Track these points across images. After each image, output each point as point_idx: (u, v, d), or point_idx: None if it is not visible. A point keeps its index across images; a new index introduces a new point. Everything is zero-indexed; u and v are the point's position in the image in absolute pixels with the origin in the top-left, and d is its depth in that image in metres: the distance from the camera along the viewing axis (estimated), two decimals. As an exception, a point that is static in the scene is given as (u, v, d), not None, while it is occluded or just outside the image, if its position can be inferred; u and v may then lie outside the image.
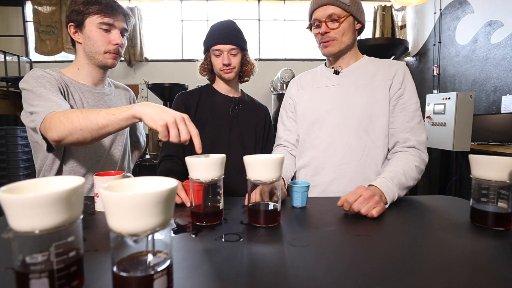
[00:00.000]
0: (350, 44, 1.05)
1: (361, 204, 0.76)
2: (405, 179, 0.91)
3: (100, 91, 1.10)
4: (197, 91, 1.28)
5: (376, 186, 0.84)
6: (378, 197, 0.79)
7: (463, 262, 0.53)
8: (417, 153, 0.98)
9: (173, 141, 0.73)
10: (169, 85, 3.07)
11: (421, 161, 0.98)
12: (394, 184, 0.87)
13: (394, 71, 1.03)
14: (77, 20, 0.99)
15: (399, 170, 0.91)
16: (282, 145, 1.20)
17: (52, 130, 0.80)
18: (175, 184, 0.39)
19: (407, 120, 1.01)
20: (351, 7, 1.00)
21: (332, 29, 1.00)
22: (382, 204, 0.79)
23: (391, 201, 0.85)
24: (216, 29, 1.18)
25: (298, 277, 0.48)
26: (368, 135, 1.02)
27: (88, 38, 1.01)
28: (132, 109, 0.74)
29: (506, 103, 3.16)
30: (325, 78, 1.12)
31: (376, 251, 0.58)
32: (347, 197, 0.78)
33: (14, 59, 4.71)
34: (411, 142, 0.99)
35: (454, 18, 3.98)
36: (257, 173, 0.69)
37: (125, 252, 0.40)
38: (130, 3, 5.02)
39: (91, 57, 1.03)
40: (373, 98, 1.02)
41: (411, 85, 1.04)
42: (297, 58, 5.22)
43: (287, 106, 1.21)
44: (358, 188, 0.80)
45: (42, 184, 0.43)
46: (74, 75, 1.06)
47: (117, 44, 1.03)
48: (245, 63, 1.25)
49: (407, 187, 0.93)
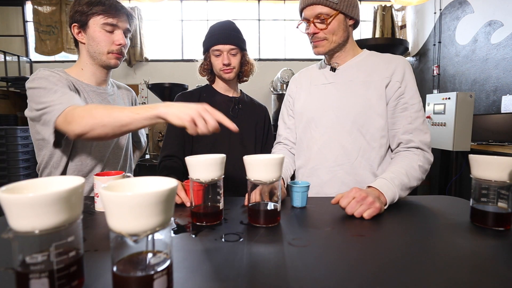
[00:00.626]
0: (342, 42, 1.01)
1: (353, 208, 0.76)
2: (407, 179, 0.89)
3: (103, 91, 1.11)
4: (197, 91, 1.28)
5: (375, 187, 0.83)
6: (372, 199, 0.77)
7: (463, 262, 0.53)
8: (421, 153, 0.95)
9: (204, 132, 0.74)
10: (169, 85, 3.07)
11: (425, 160, 0.95)
12: (395, 185, 0.85)
13: (392, 69, 0.98)
14: (80, 21, 1.00)
15: (401, 171, 0.90)
16: (282, 143, 1.19)
17: (74, 123, 0.80)
18: (175, 184, 0.39)
19: (409, 121, 0.97)
20: (340, 5, 0.95)
21: (321, 30, 0.97)
22: (378, 205, 0.77)
23: (391, 202, 0.84)
24: (216, 30, 1.18)
25: (298, 277, 0.48)
26: (363, 136, 1.00)
27: (91, 39, 1.01)
28: (157, 110, 0.75)
29: (506, 103, 3.16)
30: (322, 76, 1.10)
31: (376, 251, 0.58)
32: (341, 202, 0.78)
33: (14, 59, 4.71)
34: (414, 143, 0.96)
35: (454, 18, 3.98)
36: (257, 173, 0.69)
37: (125, 252, 0.40)
38: (130, 3, 5.02)
39: (95, 57, 1.04)
40: (368, 97, 0.99)
41: (412, 83, 0.99)
42: (297, 58, 5.21)
43: (287, 104, 1.21)
44: (351, 191, 0.79)
45: (42, 184, 0.43)
46: (78, 75, 1.06)
47: (121, 45, 1.03)
48: (244, 63, 1.25)
49: (410, 188, 0.91)
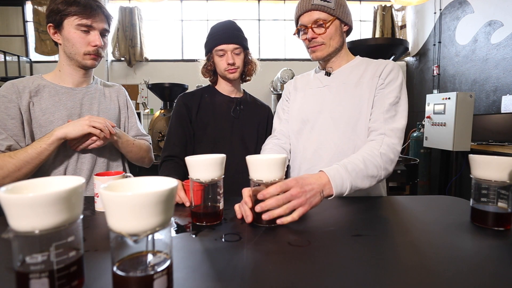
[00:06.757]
0: (339, 47, 1.05)
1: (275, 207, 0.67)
2: (363, 165, 0.83)
3: (81, 91, 1.09)
4: (199, 92, 1.28)
5: (324, 172, 0.79)
6: (309, 195, 0.70)
7: (463, 262, 0.53)
8: (383, 140, 0.91)
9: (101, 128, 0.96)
10: (169, 85, 3.06)
11: (388, 148, 0.89)
12: (347, 170, 0.80)
13: (381, 69, 1.01)
14: (55, 21, 0.99)
15: (357, 157, 0.86)
16: (276, 137, 1.17)
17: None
18: (175, 184, 0.39)
19: (381, 111, 0.95)
20: (336, 11, 0.99)
21: (319, 34, 1.00)
22: (316, 199, 0.72)
23: (340, 189, 0.78)
24: (219, 30, 1.18)
25: (298, 277, 0.48)
26: (358, 136, 1.00)
27: (67, 40, 1.00)
28: (54, 135, 0.92)
29: (506, 103, 3.16)
30: (317, 80, 1.12)
31: (376, 251, 0.58)
32: (268, 203, 0.67)
33: (14, 59, 4.72)
34: (381, 130, 0.93)
35: (454, 18, 3.98)
36: (260, 173, 0.70)
37: (125, 252, 0.40)
38: (130, 3, 5.02)
39: (71, 58, 1.03)
40: (361, 97, 1.00)
41: (396, 81, 0.98)
42: (297, 58, 5.22)
43: (284, 103, 1.21)
44: (291, 180, 0.71)
45: (42, 184, 0.43)
46: (55, 77, 1.07)
47: (96, 46, 1.02)
48: (248, 62, 1.25)
49: (371, 176, 0.85)
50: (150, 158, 1.28)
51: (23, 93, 0.99)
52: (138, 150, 1.18)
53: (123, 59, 4.95)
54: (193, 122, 1.22)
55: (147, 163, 1.28)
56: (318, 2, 0.98)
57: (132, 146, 1.14)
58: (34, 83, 1.02)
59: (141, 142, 1.22)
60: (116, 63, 5.07)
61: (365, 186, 0.85)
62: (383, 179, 0.91)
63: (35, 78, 1.04)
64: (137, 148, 1.17)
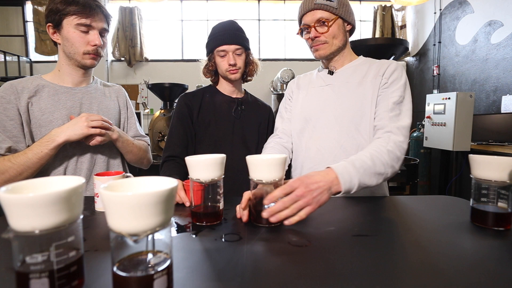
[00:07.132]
0: (342, 46, 1.05)
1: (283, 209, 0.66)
2: (371, 162, 0.82)
3: (80, 91, 1.09)
4: (200, 92, 1.27)
5: (332, 168, 0.77)
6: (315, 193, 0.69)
7: (463, 262, 0.53)
8: (390, 137, 0.90)
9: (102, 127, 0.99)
10: (169, 85, 3.06)
11: (395, 146, 0.88)
12: (355, 167, 0.79)
13: (384, 68, 1.01)
14: (55, 20, 0.99)
15: (365, 154, 0.84)
16: (278, 136, 1.18)
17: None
18: (175, 184, 0.39)
19: (386, 110, 0.95)
20: (339, 10, 1.00)
21: (322, 33, 1.01)
22: (324, 197, 0.70)
23: (349, 186, 0.77)
24: (220, 30, 1.18)
25: (298, 277, 0.48)
26: (361, 135, 1.00)
27: (66, 39, 1.00)
28: (55, 140, 0.93)
29: (506, 103, 3.16)
30: (320, 79, 1.12)
31: (376, 251, 0.58)
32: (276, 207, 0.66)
33: (14, 59, 4.72)
34: (388, 128, 0.92)
35: (454, 18, 3.98)
36: (259, 173, 0.69)
37: (125, 252, 0.40)
38: (130, 3, 5.02)
39: (71, 58, 1.03)
40: (364, 96, 1.00)
41: (400, 81, 0.98)
42: (297, 58, 5.22)
43: (287, 102, 1.21)
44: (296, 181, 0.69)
45: (42, 184, 0.43)
46: (55, 77, 1.07)
47: (96, 45, 1.02)
48: (249, 63, 1.25)
49: (379, 173, 0.83)
50: (148, 159, 1.28)
51: (21, 93, 0.99)
52: (138, 151, 1.18)
53: (123, 59, 4.95)
54: (195, 122, 1.22)
55: (145, 164, 1.28)
56: (321, 1, 0.98)
57: (132, 146, 1.15)
58: (33, 83, 1.02)
59: (140, 143, 1.22)
60: (116, 63, 5.07)
61: (373, 183, 0.83)
62: (389, 177, 0.89)
63: (34, 79, 1.04)
64: (137, 149, 1.17)
